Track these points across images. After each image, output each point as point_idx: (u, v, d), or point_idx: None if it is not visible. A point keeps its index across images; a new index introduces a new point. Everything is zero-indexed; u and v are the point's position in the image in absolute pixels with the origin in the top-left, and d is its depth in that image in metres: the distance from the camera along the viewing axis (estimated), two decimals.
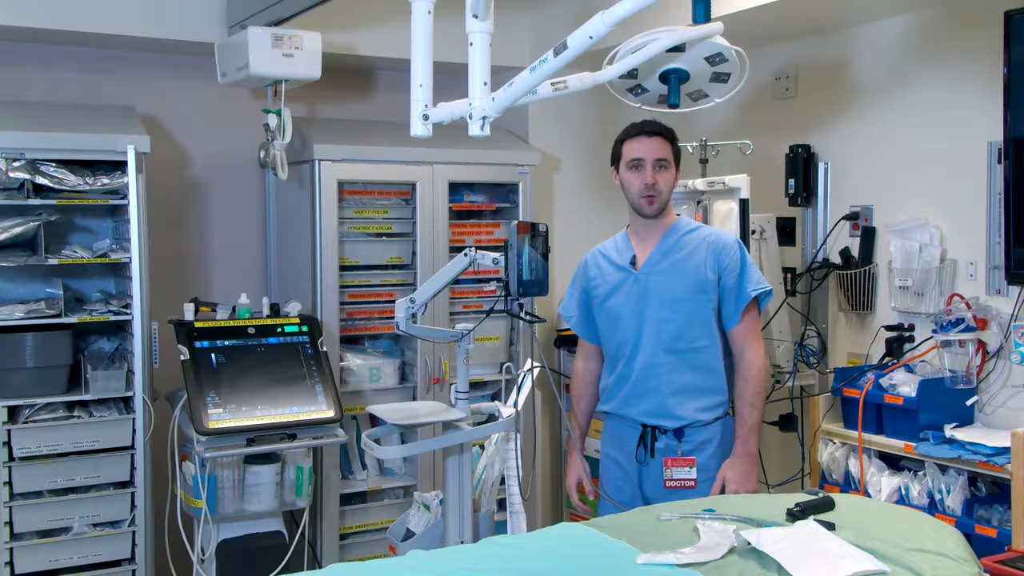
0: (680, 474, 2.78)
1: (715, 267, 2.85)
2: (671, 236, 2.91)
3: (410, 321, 3.08)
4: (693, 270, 2.85)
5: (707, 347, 2.85)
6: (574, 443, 3.07)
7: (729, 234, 2.94)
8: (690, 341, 2.84)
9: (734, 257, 2.85)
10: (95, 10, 3.69)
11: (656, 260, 2.90)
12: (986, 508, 3.19)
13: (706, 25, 2.41)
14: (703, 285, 2.84)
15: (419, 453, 3.99)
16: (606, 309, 2.96)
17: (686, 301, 2.84)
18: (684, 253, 2.88)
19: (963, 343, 3.32)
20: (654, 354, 2.86)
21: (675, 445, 2.82)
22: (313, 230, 3.93)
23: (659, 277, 2.88)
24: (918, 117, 3.68)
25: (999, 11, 3.15)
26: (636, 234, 2.97)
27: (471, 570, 2.10)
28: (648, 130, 2.87)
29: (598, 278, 3.00)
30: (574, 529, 2.36)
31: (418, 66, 2.30)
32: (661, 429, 2.84)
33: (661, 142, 2.86)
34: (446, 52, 2.64)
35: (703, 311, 2.84)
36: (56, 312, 3.44)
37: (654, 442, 2.85)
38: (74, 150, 3.44)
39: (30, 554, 3.41)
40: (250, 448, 3.40)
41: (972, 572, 2.10)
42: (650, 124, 2.89)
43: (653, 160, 2.84)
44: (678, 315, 2.84)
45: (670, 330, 2.84)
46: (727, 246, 2.87)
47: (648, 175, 2.84)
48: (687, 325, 2.84)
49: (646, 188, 2.84)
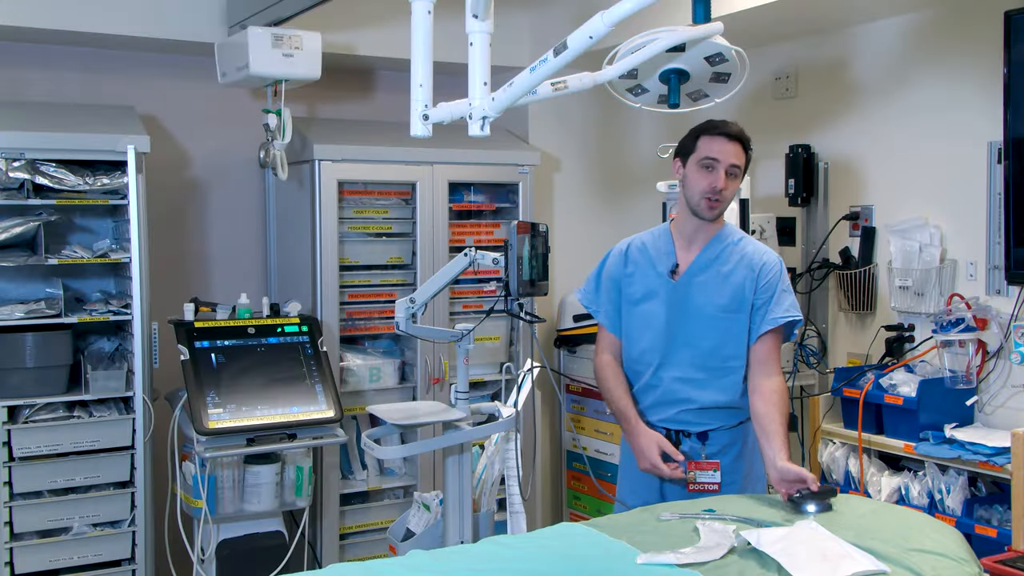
0: (704, 477, 2.69)
1: (754, 285, 2.72)
2: (716, 244, 2.77)
3: (410, 321, 3.08)
4: (732, 287, 2.72)
5: (738, 368, 2.73)
6: (629, 419, 2.77)
7: (773, 253, 2.80)
8: (723, 360, 2.72)
9: (773, 278, 2.73)
10: (95, 10, 3.69)
11: (698, 269, 2.75)
12: (986, 508, 3.19)
13: (706, 25, 2.41)
14: (740, 304, 2.71)
15: (419, 453, 3.99)
16: (638, 312, 2.81)
17: (723, 319, 2.71)
18: (727, 268, 2.74)
19: (963, 343, 3.32)
20: (684, 368, 2.74)
21: (699, 448, 2.73)
22: (313, 230, 3.93)
23: (698, 289, 2.73)
24: (918, 117, 3.69)
25: (999, 11, 3.15)
26: (681, 234, 2.80)
27: (471, 570, 2.10)
28: (730, 132, 2.69)
29: (635, 275, 2.83)
30: (574, 529, 2.36)
31: (418, 66, 2.30)
32: (685, 432, 2.76)
33: (739, 148, 2.69)
34: (446, 52, 2.64)
35: (737, 330, 2.72)
36: (56, 312, 3.44)
37: (678, 445, 2.75)
38: (74, 150, 3.44)
39: (30, 554, 3.41)
40: (250, 448, 3.40)
41: (972, 572, 2.10)
42: (732, 126, 2.71)
43: (728, 164, 2.66)
44: (714, 332, 2.72)
45: (705, 347, 2.72)
46: (768, 265, 2.73)
47: (720, 179, 2.65)
48: (722, 343, 2.72)
49: (713, 192, 2.66)
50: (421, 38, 2.29)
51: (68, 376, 3.51)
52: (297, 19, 3.63)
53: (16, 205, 3.41)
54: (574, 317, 4.45)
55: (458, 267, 2.99)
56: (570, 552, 2.19)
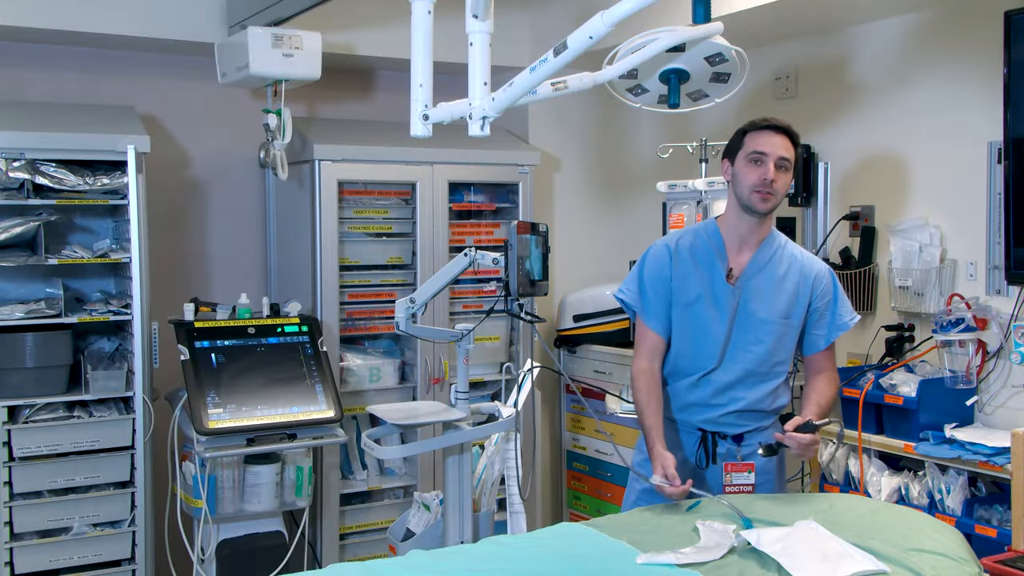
0: (740, 479, 2.67)
1: (808, 293, 2.71)
2: (768, 248, 2.72)
3: (410, 321, 3.08)
4: (786, 293, 2.70)
5: (783, 372, 2.73)
6: (652, 441, 2.63)
7: (819, 259, 2.80)
8: (772, 365, 2.71)
9: (827, 285, 2.73)
10: (95, 10, 3.69)
11: (752, 273, 2.70)
12: (986, 508, 3.19)
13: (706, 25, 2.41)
14: (793, 310, 2.70)
15: (419, 453, 3.99)
16: (693, 315, 2.72)
17: (775, 325, 2.69)
18: (779, 272, 2.71)
19: (963, 343, 3.32)
20: (735, 373, 2.71)
21: (735, 450, 2.71)
22: (313, 230, 3.93)
23: (753, 294, 2.69)
24: (918, 117, 3.68)
25: (999, 11, 3.15)
26: (735, 235, 2.73)
27: (471, 570, 2.10)
28: (776, 126, 2.67)
29: (688, 277, 2.74)
30: (574, 529, 2.36)
31: (418, 66, 2.30)
32: (721, 435, 2.73)
33: (787, 142, 2.66)
34: (446, 52, 2.64)
35: (788, 336, 2.71)
36: (56, 312, 3.45)
37: (715, 447, 2.72)
38: (74, 150, 3.45)
39: (30, 554, 3.41)
40: (250, 448, 3.40)
41: (972, 572, 2.10)
42: (780, 121, 2.69)
43: (777, 157, 2.63)
44: (767, 339, 2.69)
45: (758, 352, 2.69)
46: (821, 273, 2.74)
47: (770, 171, 2.61)
48: (773, 350, 2.70)
49: (763, 184, 2.62)
50: (421, 38, 2.29)
51: (68, 376, 3.51)
52: (297, 19, 3.63)
53: (16, 205, 3.41)
54: (574, 317, 4.45)
55: (458, 267, 2.99)
56: (570, 552, 2.19)
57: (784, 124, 2.68)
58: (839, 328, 2.74)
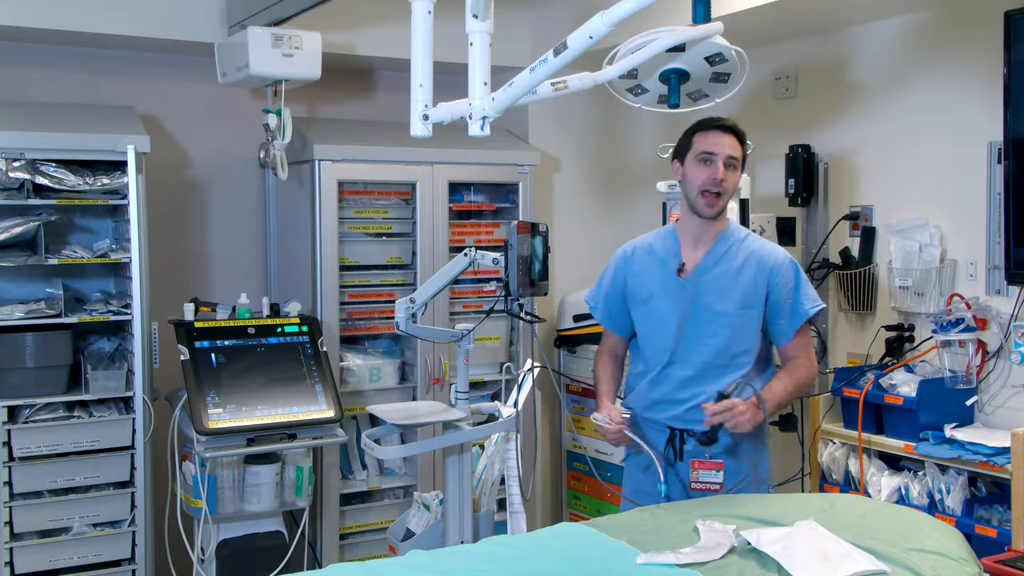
0: (707, 477, 2.71)
1: (765, 283, 2.74)
2: (723, 243, 2.79)
3: (410, 321, 3.08)
4: (742, 285, 2.74)
5: (746, 364, 2.75)
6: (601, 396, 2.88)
7: (780, 249, 2.83)
8: (731, 357, 2.74)
9: (787, 274, 2.76)
10: (95, 10, 3.69)
11: (706, 268, 2.77)
12: (986, 508, 3.19)
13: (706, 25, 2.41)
14: (751, 301, 2.74)
15: (419, 453, 3.99)
16: (648, 311, 2.83)
17: (732, 316, 2.73)
18: (735, 265, 2.76)
19: (963, 343, 3.32)
20: (693, 366, 2.75)
21: (703, 449, 2.74)
22: (313, 230, 3.94)
23: (707, 288, 2.75)
24: (918, 117, 3.68)
25: (999, 11, 3.15)
26: (688, 234, 2.82)
27: (471, 570, 2.10)
28: (723, 125, 2.74)
29: (642, 275, 2.85)
30: (574, 529, 2.36)
31: (418, 66, 2.30)
32: (689, 432, 2.76)
33: (735, 141, 2.73)
34: (446, 52, 2.64)
35: (748, 327, 2.74)
36: (56, 312, 3.44)
37: (682, 444, 2.77)
38: (74, 150, 3.44)
39: (30, 554, 3.41)
40: (250, 448, 3.40)
41: (972, 572, 2.11)
42: (727, 120, 2.76)
43: (726, 156, 2.70)
44: (723, 331, 2.73)
45: (714, 344, 2.74)
46: (780, 264, 2.76)
47: (719, 170, 2.69)
48: (730, 341, 2.74)
49: (713, 183, 2.69)
50: (421, 38, 2.29)
51: (68, 376, 3.51)
52: (297, 19, 3.63)
53: (16, 205, 3.41)
54: (574, 317, 4.45)
55: (458, 267, 2.99)
56: (570, 552, 2.19)
57: (731, 123, 2.76)
58: (799, 316, 2.77)
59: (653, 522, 2.37)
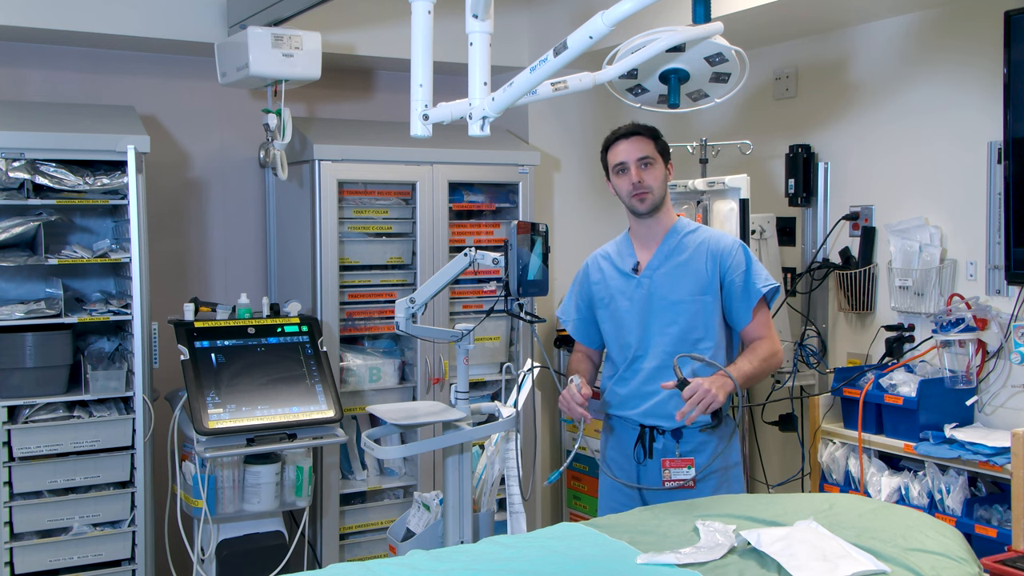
0: (679, 474, 2.77)
1: (717, 269, 2.84)
2: (672, 238, 2.90)
3: (410, 321, 3.08)
4: (694, 273, 2.84)
5: (709, 348, 2.83)
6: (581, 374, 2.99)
7: (729, 235, 2.93)
8: (693, 344, 2.82)
9: (737, 257, 2.84)
10: (95, 10, 3.69)
11: (658, 263, 2.89)
12: (986, 508, 3.19)
13: (706, 25, 2.41)
14: (704, 287, 2.83)
15: (419, 453, 3.99)
16: (610, 313, 2.95)
17: (688, 304, 2.83)
18: (685, 256, 2.87)
19: (963, 343, 3.32)
20: (657, 357, 2.84)
21: (673, 446, 2.81)
22: (313, 230, 3.94)
23: (661, 281, 2.87)
24: (918, 117, 3.69)
25: (999, 11, 3.15)
26: (637, 237, 2.96)
27: (471, 570, 2.10)
28: (625, 133, 2.88)
29: (601, 282, 2.99)
30: (574, 529, 2.36)
31: (418, 66, 2.30)
32: (659, 430, 2.83)
33: (641, 141, 2.85)
34: (446, 52, 2.65)
35: (705, 313, 2.83)
36: (56, 312, 3.44)
37: (652, 442, 2.84)
38: (74, 150, 3.45)
39: (30, 554, 3.41)
40: (250, 448, 3.40)
41: (972, 572, 2.11)
42: (627, 127, 2.89)
43: (636, 160, 2.83)
44: (681, 318, 2.83)
45: (673, 333, 2.83)
46: (728, 247, 2.86)
47: (633, 175, 2.83)
48: (689, 328, 2.83)
49: (633, 188, 2.84)
50: (421, 38, 2.29)
51: (68, 376, 3.51)
52: (297, 19, 3.63)
53: (16, 205, 3.41)
54: None
55: (458, 267, 2.99)
56: (570, 552, 2.19)
57: (631, 127, 2.89)
58: (753, 295, 2.84)
59: (653, 522, 2.37)
